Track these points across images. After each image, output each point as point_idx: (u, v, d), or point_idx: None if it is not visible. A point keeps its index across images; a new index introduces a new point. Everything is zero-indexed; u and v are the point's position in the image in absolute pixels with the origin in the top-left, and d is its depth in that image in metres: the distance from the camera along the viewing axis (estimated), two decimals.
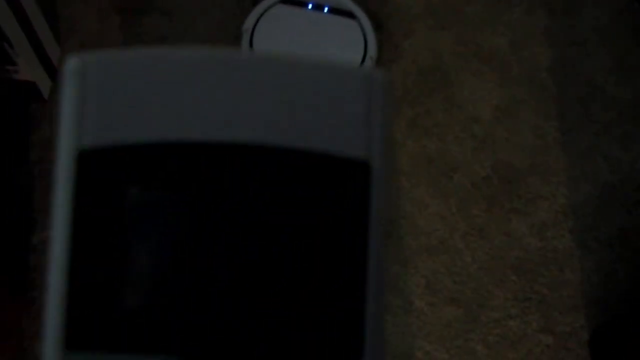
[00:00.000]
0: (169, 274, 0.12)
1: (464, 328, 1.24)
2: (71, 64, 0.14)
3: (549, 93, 1.39)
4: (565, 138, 1.36)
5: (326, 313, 0.13)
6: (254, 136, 0.13)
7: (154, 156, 0.13)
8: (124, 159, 0.13)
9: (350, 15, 1.31)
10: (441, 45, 1.41)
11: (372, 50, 1.29)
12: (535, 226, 1.30)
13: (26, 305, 1.05)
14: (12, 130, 1.30)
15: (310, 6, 1.31)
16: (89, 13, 1.39)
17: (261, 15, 1.31)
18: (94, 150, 0.13)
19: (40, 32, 1.24)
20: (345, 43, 1.30)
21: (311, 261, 0.13)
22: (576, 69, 1.41)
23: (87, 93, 0.13)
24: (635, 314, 1.18)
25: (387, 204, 0.14)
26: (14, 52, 1.16)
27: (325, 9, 1.31)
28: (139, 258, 0.13)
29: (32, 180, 1.27)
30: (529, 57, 1.41)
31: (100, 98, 0.13)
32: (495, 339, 1.24)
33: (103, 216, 0.13)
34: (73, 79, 0.13)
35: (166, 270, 0.13)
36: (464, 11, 1.43)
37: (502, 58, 1.41)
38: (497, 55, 1.41)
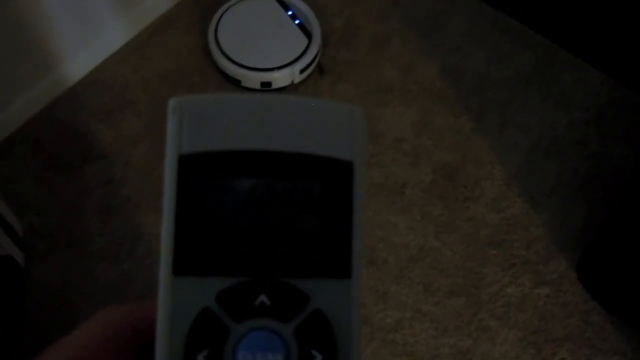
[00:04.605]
0: (238, 226, 0.21)
1: (472, 312, 1.34)
2: (173, 103, 0.22)
3: (449, 96, 1.59)
4: (478, 125, 1.55)
5: (324, 248, 0.21)
6: (279, 145, 0.21)
7: (225, 159, 0.21)
8: (209, 160, 0.21)
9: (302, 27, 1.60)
10: (347, 94, 1.59)
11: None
12: (489, 204, 1.45)
13: None
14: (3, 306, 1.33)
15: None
16: (34, 183, 1.47)
17: (227, 9, 1.60)
18: (189, 155, 0.21)
19: (2, 209, 1.31)
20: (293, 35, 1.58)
21: (314, 218, 0.21)
22: (461, 69, 1.62)
23: (182, 121, 0.21)
24: (602, 238, 1.33)
25: (365, 194, 0.22)
26: None
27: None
28: (217, 216, 0.21)
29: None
30: (420, 76, 1.62)
31: (191, 123, 0.21)
32: (502, 310, 1.35)
33: (197, 194, 0.21)
34: (174, 112, 0.22)
35: (235, 223, 0.21)
36: (355, 61, 1.64)
37: (400, 85, 1.60)
38: (395, 84, 1.60)
